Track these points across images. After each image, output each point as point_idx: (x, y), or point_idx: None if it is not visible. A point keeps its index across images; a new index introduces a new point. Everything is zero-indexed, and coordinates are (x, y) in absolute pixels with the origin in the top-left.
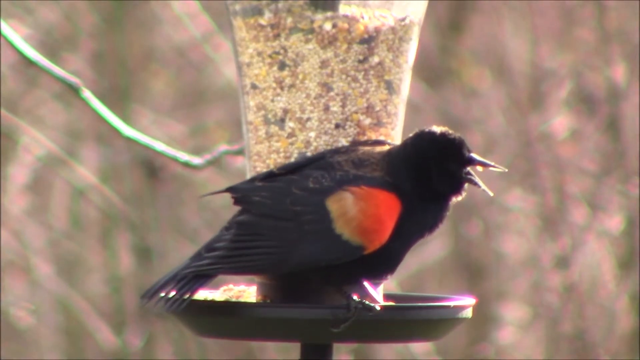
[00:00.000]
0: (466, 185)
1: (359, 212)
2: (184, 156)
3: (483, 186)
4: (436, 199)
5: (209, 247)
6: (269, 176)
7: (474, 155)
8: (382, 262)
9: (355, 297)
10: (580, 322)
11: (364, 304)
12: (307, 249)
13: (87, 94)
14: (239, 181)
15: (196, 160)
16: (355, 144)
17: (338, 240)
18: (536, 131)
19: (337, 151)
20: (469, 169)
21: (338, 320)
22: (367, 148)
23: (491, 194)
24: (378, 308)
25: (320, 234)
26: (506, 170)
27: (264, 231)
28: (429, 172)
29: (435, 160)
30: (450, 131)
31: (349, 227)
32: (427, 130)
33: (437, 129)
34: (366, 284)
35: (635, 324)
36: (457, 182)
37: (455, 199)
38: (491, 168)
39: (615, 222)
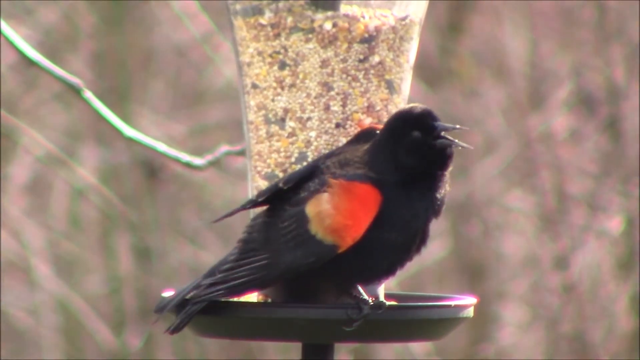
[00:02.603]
0: (451, 150)
1: (331, 208)
2: (185, 157)
3: (459, 143)
4: (421, 179)
5: (220, 266)
6: (272, 193)
7: (440, 123)
8: (379, 255)
9: (363, 296)
10: (580, 323)
11: (373, 302)
12: (288, 256)
13: (88, 94)
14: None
15: (198, 160)
16: (349, 142)
17: (313, 241)
18: (536, 131)
19: (331, 154)
20: (442, 134)
21: (351, 319)
22: (355, 147)
23: (470, 147)
24: (387, 304)
25: (298, 239)
26: (468, 129)
27: (256, 245)
28: (399, 150)
29: (401, 135)
30: (414, 104)
31: (322, 226)
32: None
33: (402, 107)
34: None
35: (635, 324)
36: (427, 151)
37: (441, 173)
38: (456, 129)
39: (615, 223)
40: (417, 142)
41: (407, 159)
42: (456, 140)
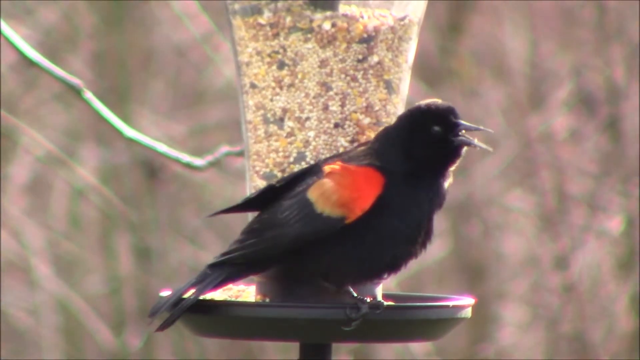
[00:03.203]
0: (463, 149)
1: (335, 185)
2: (185, 157)
3: (479, 144)
4: (430, 172)
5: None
6: (266, 191)
7: (461, 121)
8: (383, 244)
9: (360, 296)
10: (580, 322)
11: (371, 302)
12: (294, 231)
13: (88, 94)
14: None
15: (198, 161)
16: (351, 149)
17: (320, 219)
18: (536, 131)
19: (333, 156)
20: (461, 133)
21: (349, 319)
22: (359, 148)
23: (490, 149)
24: (385, 304)
25: (304, 220)
26: (492, 131)
27: (258, 232)
28: (417, 142)
29: (421, 127)
30: (438, 100)
31: (329, 203)
32: (413, 106)
33: (424, 101)
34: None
35: (635, 324)
36: (447, 146)
37: (451, 168)
38: (481, 130)
39: (615, 223)
40: (437, 137)
41: (422, 152)
42: (475, 141)
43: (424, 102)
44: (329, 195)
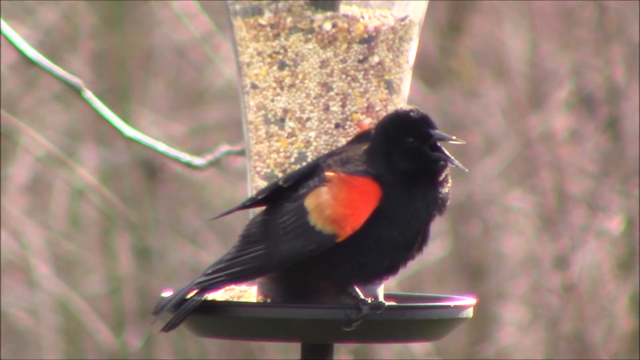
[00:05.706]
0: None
1: (331, 198)
2: (185, 157)
3: (455, 162)
4: (420, 178)
5: (217, 264)
6: (272, 191)
7: (434, 131)
8: (381, 253)
9: (362, 296)
10: (580, 323)
11: (372, 302)
12: (287, 245)
13: (88, 94)
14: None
15: (198, 160)
16: (350, 142)
17: (312, 232)
18: (536, 131)
19: (332, 153)
20: (440, 145)
21: (349, 319)
22: (357, 146)
23: (465, 169)
24: (387, 304)
25: (298, 230)
26: (464, 142)
27: (255, 239)
28: (395, 154)
29: (395, 139)
30: (411, 108)
31: (322, 217)
32: (386, 115)
33: (396, 110)
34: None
35: (635, 324)
36: (421, 159)
37: (438, 178)
38: (451, 142)
39: (615, 223)
40: (411, 148)
41: (401, 163)
42: (452, 157)
43: (396, 111)
44: (323, 208)
